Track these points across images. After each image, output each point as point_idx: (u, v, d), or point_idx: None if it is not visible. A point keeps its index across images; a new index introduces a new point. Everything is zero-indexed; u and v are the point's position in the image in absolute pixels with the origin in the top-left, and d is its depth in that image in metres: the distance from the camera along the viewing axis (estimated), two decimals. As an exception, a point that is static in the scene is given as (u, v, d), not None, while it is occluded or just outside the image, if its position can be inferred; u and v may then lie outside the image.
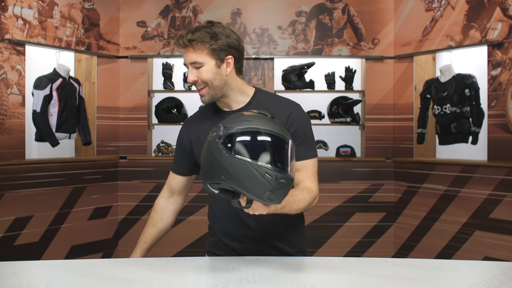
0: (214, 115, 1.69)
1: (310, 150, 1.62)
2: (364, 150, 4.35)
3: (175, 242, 4.19)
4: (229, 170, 1.27)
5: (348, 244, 4.26)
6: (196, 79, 1.59)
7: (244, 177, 1.27)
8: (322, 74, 4.35)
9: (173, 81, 4.36)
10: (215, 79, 1.59)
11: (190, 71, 1.59)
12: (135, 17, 4.35)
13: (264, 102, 1.65)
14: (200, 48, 1.56)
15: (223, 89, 1.61)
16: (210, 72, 1.58)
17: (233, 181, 1.28)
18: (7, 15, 3.57)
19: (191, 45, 1.57)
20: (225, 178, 1.28)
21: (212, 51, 1.57)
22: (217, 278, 1.36)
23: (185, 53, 1.59)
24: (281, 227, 1.67)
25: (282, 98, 1.71)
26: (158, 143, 4.40)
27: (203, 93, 1.61)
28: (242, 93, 1.66)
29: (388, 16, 4.33)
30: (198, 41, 1.56)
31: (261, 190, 1.26)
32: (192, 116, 1.82)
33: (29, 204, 3.69)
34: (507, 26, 3.54)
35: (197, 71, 1.58)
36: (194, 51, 1.57)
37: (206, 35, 1.56)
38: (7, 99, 3.57)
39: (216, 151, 1.30)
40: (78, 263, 1.51)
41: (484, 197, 3.63)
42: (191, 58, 1.58)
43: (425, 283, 1.32)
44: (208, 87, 1.59)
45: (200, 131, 1.67)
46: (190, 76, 1.59)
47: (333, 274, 1.41)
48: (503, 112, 3.55)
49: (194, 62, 1.58)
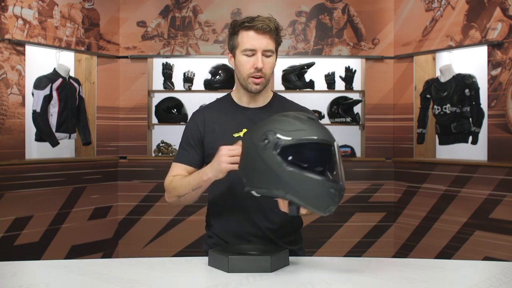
0: (234, 110, 1.69)
1: None
2: (364, 150, 4.35)
3: (175, 242, 4.20)
4: (292, 184, 1.24)
5: (348, 244, 4.26)
6: (262, 67, 1.58)
7: (309, 193, 1.24)
8: (322, 74, 4.35)
9: (173, 81, 4.36)
10: (271, 72, 1.64)
11: (259, 58, 1.57)
12: (135, 17, 4.35)
13: (283, 105, 1.71)
14: (274, 39, 1.60)
15: (268, 83, 1.66)
16: (273, 65, 1.63)
17: (296, 195, 1.25)
18: (7, 15, 3.57)
19: (271, 33, 1.58)
20: (287, 192, 1.25)
21: (277, 45, 1.63)
22: (217, 278, 1.36)
23: (261, 38, 1.57)
24: (289, 225, 1.69)
25: (298, 104, 1.77)
26: (158, 143, 4.40)
27: (259, 82, 1.61)
28: (269, 91, 1.73)
29: (388, 16, 4.33)
30: (278, 31, 1.59)
31: (325, 205, 1.25)
32: (207, 106, 1.79)
33: (29, 204, 3.69)
34: (507, 26, 3.54)
35: (266, 60, 1.59)
36: (271, 39, 1.59)
37: (279, 28, 1.60)
38: (7, 99, 3.57)
39: (273, 162, 1.25)
40: (78, 263, 1.51)
41: (484, 197, 3.63)
42: (268, 45, 1.58)
43: (425, 283, 1.32)
44: (264, 78, 1.61)
45: (216, 123, 1.67)
46: (259, 62, 1.57)
47: (333, 274, 1.41)
48: (503, 112, 3.55)
49: (269, 50, 1.59)
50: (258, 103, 1.70)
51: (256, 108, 1.69)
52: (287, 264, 1.47)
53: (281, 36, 1.63)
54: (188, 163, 1.67)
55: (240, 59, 1.61)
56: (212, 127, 1.67)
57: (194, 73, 4.35)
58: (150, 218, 4.25)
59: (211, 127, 1.67)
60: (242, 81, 1.64)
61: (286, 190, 1.25)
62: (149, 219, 4.25)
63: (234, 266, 1.38)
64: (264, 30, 1.56)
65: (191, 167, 1.67)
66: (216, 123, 1.67)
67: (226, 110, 1.70)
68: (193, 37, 4.35)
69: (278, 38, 1.61)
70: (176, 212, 4.16)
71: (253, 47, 1.57)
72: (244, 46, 1.59)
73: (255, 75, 1.59)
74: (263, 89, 1.65)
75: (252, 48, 1.58)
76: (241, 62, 1.61)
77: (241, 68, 1.61)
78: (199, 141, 1.68)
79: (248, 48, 1.58)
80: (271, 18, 1.60)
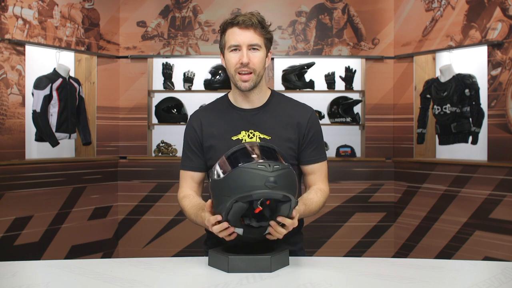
0: (230, 111, 1.69)
1: (323, 152, 1.71)
2: (364, 150, 4.35)
3: (175, 242, 4.20)
4: (231, 184, 1.32)
5: (348, 244, 4.26)
6: (248, 61, 1.58)
7: (242, 180, 1.31)
8: (322, 74, 4.35)
9: (173, 81, 4.36)
10: (261, 68, 1.62)
11: (244, 52, 1.57)
12: (135, 17, 4.35)
13: (281, 103, 1.70)
14: (261, 33, 1.59)
15: (261, 80, 1.65)
16: (261, 59, 1.61)
17: (234, 191, 1.31)
18: (7, 15, 3.57)
19: (255, 27, 1.58)
20: (230, 192, 1.32)
21: (266, 40, 1.62)
22: (217, 278, 1.36)
23: (245, 33, 1.58)
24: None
25: (297, 101, 1.75)
26: (158, 143, 4.39)
27: (247, 79, 1.60)
28: (265, 90, 1.71)
29: (388, 16, 4.33)
30: (263, 25, 1.59)
31: (261, 181, 1.29)
32: (204, 108, 1.78)
33: (29, 204, 3.69)
34: (507, 26, 3.54)
35: (252, 54, 1.59)
36: (255, 34, 1.58)
37: (265, 23, 1.60)
38: (7, 99, 3.57)
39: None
40: (78, 263, 1.51)
41: (484, 197, 3.63)
42: (252, 39, 1.58)
43: (425, 283, 1.32)
44: (253, 73, 1.60)
45: (214, 127, 1.67)
46: (244, 57, 1.57)
47: (333, 274, 1.41)
48: (503, 112, 3.55)
49: (254, 44, 1.58)
50: (254, 104, 1.68)
51: (253, 109, 1.68)
52: (287, 264, 1.47)
53: (269, 31, 1.62)
54: (194, 169, 1.71)
55: (227, 57, 1.61)
56: (209, 131, 1.67)
57: (194, 73, 4.35)
58: (150, 218, 4.25)
59: (208, 130, 1.67)
60: (232, 81, 1.64)
61: (229, 190, 1.32)
62: (149, 219, 4.25)
63: (234, 266, 1.38)
64: (247, 24, 1.56)
65: (197, 173, 1.71)
66: (213, 126, 1.67)
67: (223, 112, 1.70)
68: (193, 37, 4.35)
69: (265, 32, 1.60)
70: (176, 212, 4.16)
71: (237, 42, 1.58)
72: (229, 43, 1.59)
73: (241, 70, 1.59)
74: (254, 86, 1.62)
75: (236, 43, 1.58)
76: (228, 60, 1.61)
77: (228, 65, 1.62)
78: (199, 145, 1.69)
79: (233, 44, 1.58)
80: (254, 12, 1.61)
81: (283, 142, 1.63)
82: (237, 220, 1.37)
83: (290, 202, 1.35)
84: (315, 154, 1.68)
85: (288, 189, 1.33)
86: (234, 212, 1.34)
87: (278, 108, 1.68)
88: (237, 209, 1.33)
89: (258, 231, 1.40)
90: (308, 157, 1.68)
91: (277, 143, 1.61)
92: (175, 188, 4.15)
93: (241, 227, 1.38)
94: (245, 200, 1.32)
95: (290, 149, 1.65)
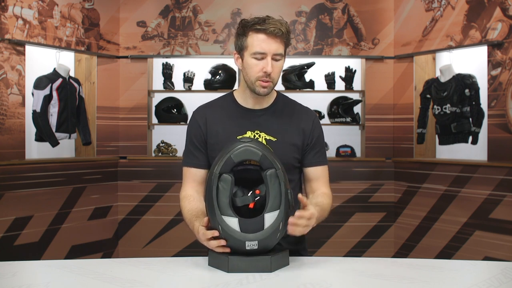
0: (237, 111, 1.68)
1: (325, 156, 1.72)
2: (364, 150, 4.35)
3: (175, 242, 4.19)
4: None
5: (348, 244, 4.26)
6: (272, 71, 1.56)
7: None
8: (322, 74, 4.35)
9: (173, 81, 4.36)
10: (279, 75, 1.62)
11: (268, 62, 1.54)
12: (135, 17, 4.35)
13: (287, 106, 1.71)
14: (284, 42, 1.57)
15: (275, 86, 1.64)
16: (281, 69, 1.61)
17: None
18: (7, 15, 3.57)
19: (282, 37, 1.55)
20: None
21: (286, 47, 1.60)
22: (217, 278, 1.36)
23: (272, 42, 1.54)
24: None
25: (301, 104, 1.76)
26: (158, 143, 4.39)
27: (266, 85, 1.58)
28: (272, 92, 1.70)
29: (388, 16, 4.33)
30: (288, 35, 1.56)
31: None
32: (208, 105, 1.74)
33: (29, 204, 3.69)
34: (507, 26, 3.54)
35: (275, 64, 1.56)
36: (281, 43, 1.56)
37: (290, 31, 1.57)
38: (7, 99, 3.57)
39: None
40: (78, 263, 1.51)
41: (484, 197, 3.63)
42: (278, 49, 1.55)
43: (425, 283, 1.32)
44: (272, 82, 1.59)
45: (219, 125, 1.66)
46: (268, 66, 1.54)
47: (333, 274, 1.41)
48: (503, 112, 3.55)
49: (278, 54, 1.56)
50: (262, 104, 1.68)
51: (259, 109, 1.68)
52: (287, 264, 1.47)
53: (290, 38, 1.60)
54: (197, 166, 1.68)
55: (249, 62, 1.57)
56: (214, 129, 1.65)
57: (194, 73, 4.35)
58: (150, 218, 4.25)
59: (213, 129, 1.65)
60: (249, 84, 1.61)
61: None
62: (149, 219, 4.25)
63: (234, 266, 1.38)
64: (276, 34, 1.53)
65: (200, 170, 1.68)
66: (218, 125, 1.65)
67: (229, 111, 1.68)
68: (193, 37, 4.35)
69: (287, 41, 1.58)
70: (176, 212, 4.15)
71: (264, 50, 1.54)
72: (254, 49, 1.55)
73: (263, 79, 1.57)
74: (270, 92, 1.63)
75: (262, 51, 1.54)
76: (249, 65, 1.57)
77: (249, 71, 1.58)
78: (203, 141, 1.67)
79: (258, 52, 1.54)
80: (282, 21, 1.56)
81: (288, 145, 1.64)
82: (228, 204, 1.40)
83: (274, 169, 1.39)
84: (318, 156, 1.69)
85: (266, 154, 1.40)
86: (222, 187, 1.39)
87: (283, 111, 1.68)
88: (225, 184, 1.38)
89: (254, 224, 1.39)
90: (311, 160, 1.69)
91: (282, 145, 1.62)
92: (175, 188, 4.15)
93: (235, 217, 1.38)
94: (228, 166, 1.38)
95: (294, 152, 1.66)
